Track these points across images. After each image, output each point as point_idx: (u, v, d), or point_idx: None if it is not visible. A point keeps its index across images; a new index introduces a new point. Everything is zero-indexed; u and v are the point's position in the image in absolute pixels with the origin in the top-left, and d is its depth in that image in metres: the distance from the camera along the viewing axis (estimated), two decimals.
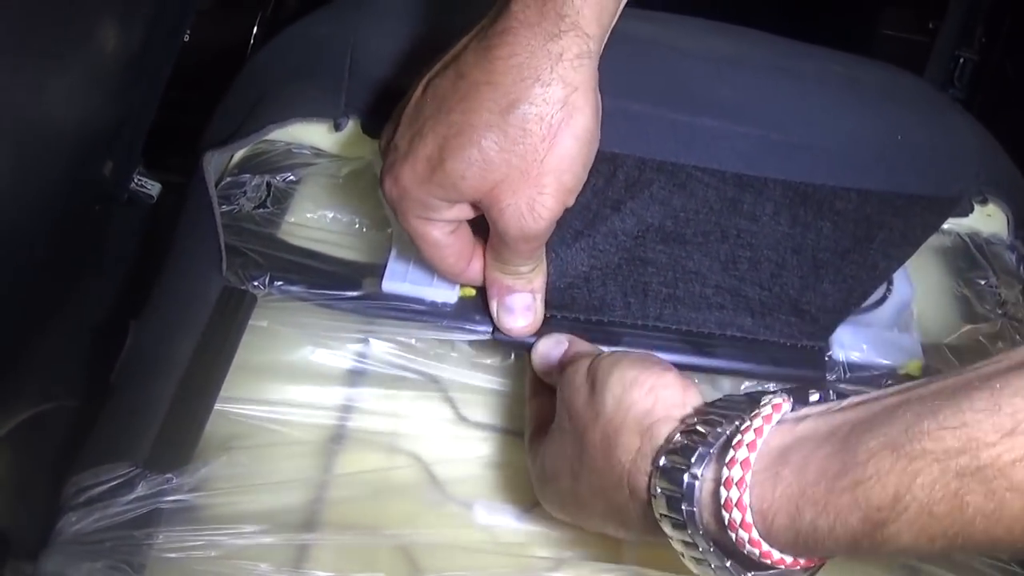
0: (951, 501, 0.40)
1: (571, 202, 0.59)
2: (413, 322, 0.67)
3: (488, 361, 0.69)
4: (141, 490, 0.58)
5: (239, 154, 0.73)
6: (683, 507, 0.48)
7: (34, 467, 0.69)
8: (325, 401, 0.66)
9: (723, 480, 0.47)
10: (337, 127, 0.71)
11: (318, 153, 0.74)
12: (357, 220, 0.72)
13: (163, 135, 0.73)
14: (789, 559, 0.47)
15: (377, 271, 0.68)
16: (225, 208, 0.69)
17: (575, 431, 0.55)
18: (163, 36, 0.71)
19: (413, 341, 0.67)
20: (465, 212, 0.60)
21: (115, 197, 0.72)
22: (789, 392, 0.50)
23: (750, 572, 0.48)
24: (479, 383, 0.67)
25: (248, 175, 0.71)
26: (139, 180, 0.73)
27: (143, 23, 0.70)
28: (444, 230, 0.60)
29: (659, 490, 0.49)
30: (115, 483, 0.58)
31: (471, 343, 0.68)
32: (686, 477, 0.48)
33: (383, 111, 0.68)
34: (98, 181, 0.70)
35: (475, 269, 0.64)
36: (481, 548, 0.62)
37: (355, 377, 0.67)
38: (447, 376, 0.68)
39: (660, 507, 0.50)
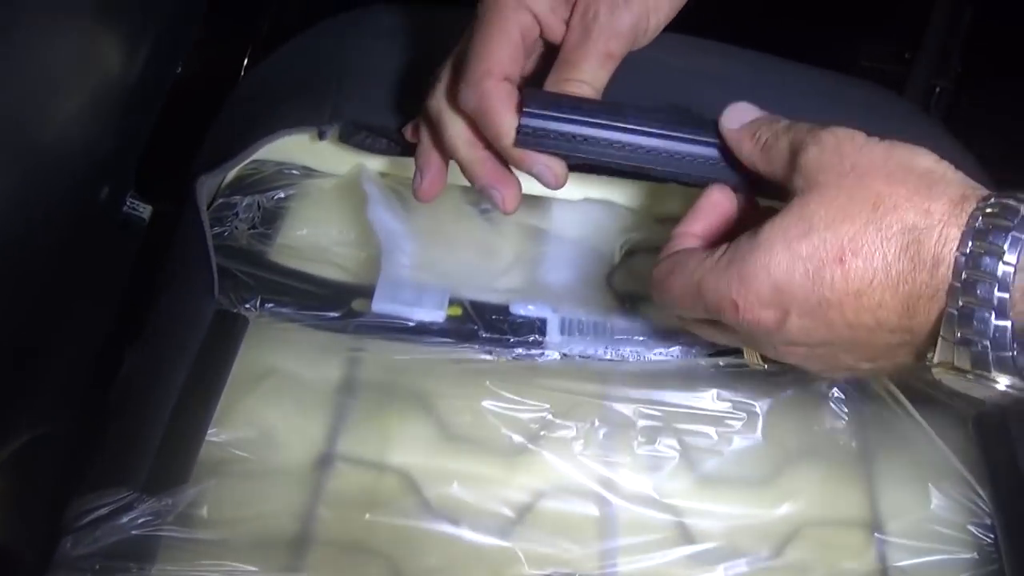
0: None
1: None
2: (401, 341, 0.68)
3: (474, 378, 0.69)
4: (138, 514, 0.59)
5: (231, 175, 0.74)
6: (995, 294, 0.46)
7: (36, 488, 0.70)
8: (316, 420, 0.67)
9: None
10: (321, 135, 0.71)
11: (307, 172, 0.75)
12: (346, 239, 0.74)
13: (153, 164, 0.75)
14: None
15: (366, 291, 0.69)
16: (217, 230, 0.71)
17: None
18: (160, 64, 0.72)
19: (401, 359, 0.69)
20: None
21: (109, 220, 0.73)
22: None
23: None
24: (465, 400, 0.68)
25: (240, 196, 0.73)
26: (131, 203, 0.74)
27: (143, 51, 0.72)
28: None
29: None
30: (113, 507, 0.59)
31: (458, 360, 0.69)
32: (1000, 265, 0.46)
33: (369, 121, 0.70)
34: (95, 205, 0.72)
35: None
36: (468, 566, 0.63)
37: (345, 395, 0.68)
38: (434, 393, 0.69)
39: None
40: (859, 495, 0.69)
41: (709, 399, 0.70)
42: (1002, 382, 0.47)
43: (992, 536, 0.67)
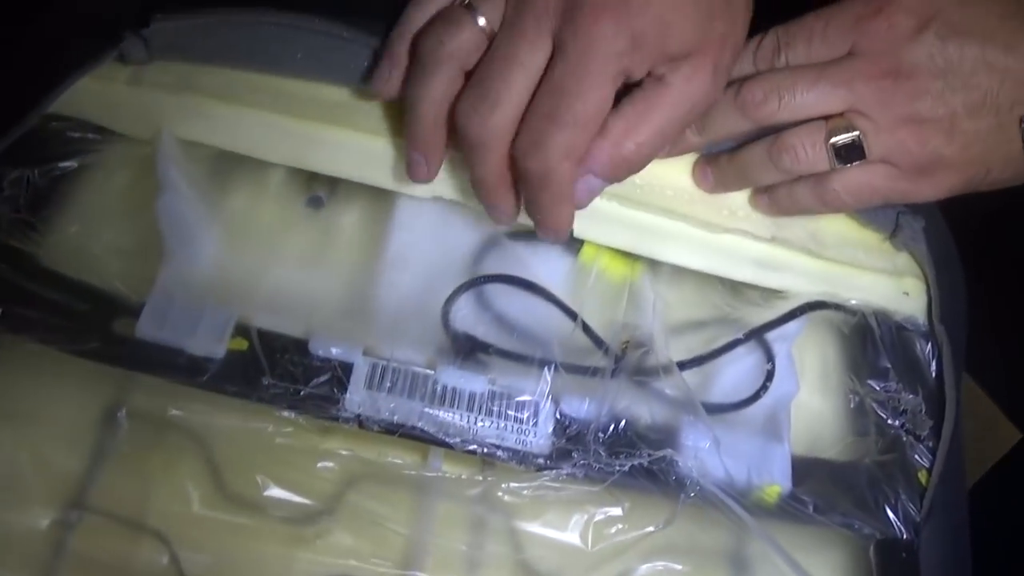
0: None
1: None
2: (171, 378, 0.55)
3: (263, 423, 0.56)
4: None
5: None
6: None
7: None
8: (64, 462, 0.55)
9: None
10: (124, 55, 0.59)
11: (101, 135, 0.60)
12: (123, 243, 0.59)
13: None
14: None
15: (136, 309, 0.55)
16: None
17: None
18: None
19: (169, 402, 0.56)
20: None
21: None
22: None
23: None
24: (248, 453, 0.56)
25: (9, 168, 0.58)
26: None
27: None
28: None
29: None
30: None
31: (238, 406, 0.56)
32: None
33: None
34: None
35: None
36: None
37: (99, 440, 0.56)
38: (212, 440, 0.56)
39: None
40: None
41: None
42: None
43: None
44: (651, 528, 0.55)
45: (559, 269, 0.61)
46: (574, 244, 0.61)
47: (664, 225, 0.60)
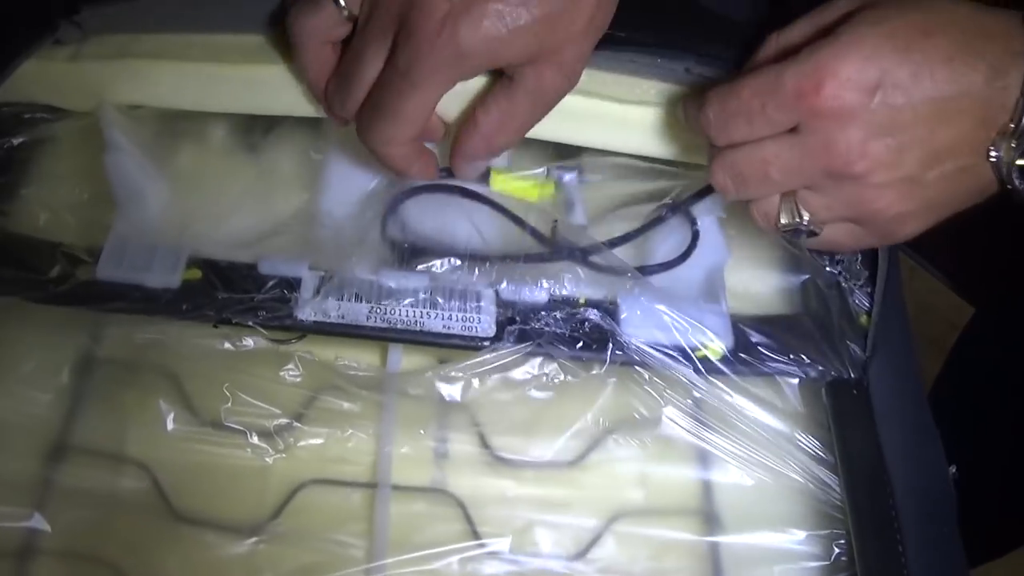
0: None
1: None
2: (135, 313, 0.58)
3: (226, 353, 0.60)
4: None
5: None
6: None
7: None
8: (47, 405, 0.59)
9: None
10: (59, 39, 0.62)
11: (50, 113, 0.64)
12: (78, 199, 0.63)
13: None
14: None
15: (95, 255, 0.59)
16: None
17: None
18: None
19: (144, 334, 0.60)
20: None
21: None
22: None
23: None
24: (210, 375, 0.59)
25: None
26: None
27: None
28: None
29: None
30: None
31: (205, 333, 0.59)
32: None
33: None
34: None
35: None
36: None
37: (78, 377, 0.60)
38: (179, 373, 0.60)
39: None
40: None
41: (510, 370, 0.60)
42: None
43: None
44: (595, 372, 0.59)
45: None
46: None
47: (581, 105, 0.61)
